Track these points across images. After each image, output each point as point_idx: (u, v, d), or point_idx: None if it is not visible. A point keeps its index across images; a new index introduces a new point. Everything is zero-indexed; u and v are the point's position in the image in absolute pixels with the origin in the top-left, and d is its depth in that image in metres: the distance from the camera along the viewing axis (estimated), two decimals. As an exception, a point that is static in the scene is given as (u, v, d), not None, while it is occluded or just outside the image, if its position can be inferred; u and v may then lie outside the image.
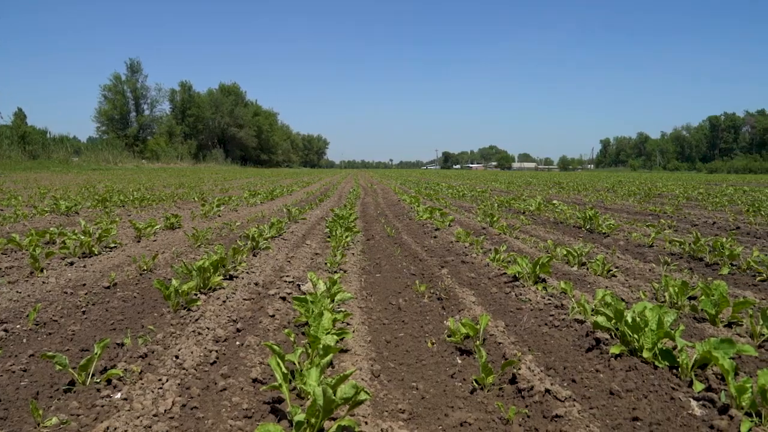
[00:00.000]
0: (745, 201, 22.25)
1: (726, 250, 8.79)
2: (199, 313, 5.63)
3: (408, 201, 21.10)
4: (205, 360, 4.45)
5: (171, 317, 5.63)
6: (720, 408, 3.59)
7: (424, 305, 6.65)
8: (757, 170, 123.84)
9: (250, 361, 4.54)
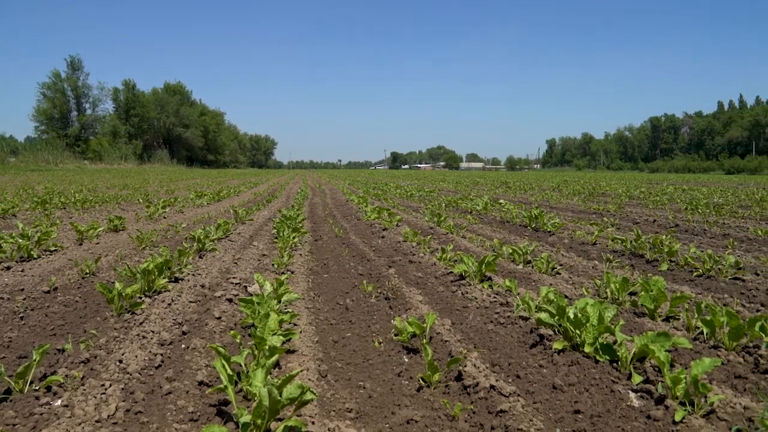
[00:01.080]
0: (684, 199, 22.91)
1: (665, 247, 9.04)
2: (143, 317, 5.55)
3: (356, 201, 21.12)
4: (150, 364, 4.39)
5: (114, 321, 5.53)
6: (657, 399, 3.70)
7: (372, 305, 6.67)
8: (695, 170, 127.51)
9: (196, 363, 4.49)
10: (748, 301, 6.61)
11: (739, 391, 3.99)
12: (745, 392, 3.97)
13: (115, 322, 5.50)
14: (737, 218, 15.77)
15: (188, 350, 4.78)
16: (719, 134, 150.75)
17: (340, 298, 7.06)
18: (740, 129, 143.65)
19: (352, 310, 6.55)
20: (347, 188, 35.34)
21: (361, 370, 4.75)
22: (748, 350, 4.73)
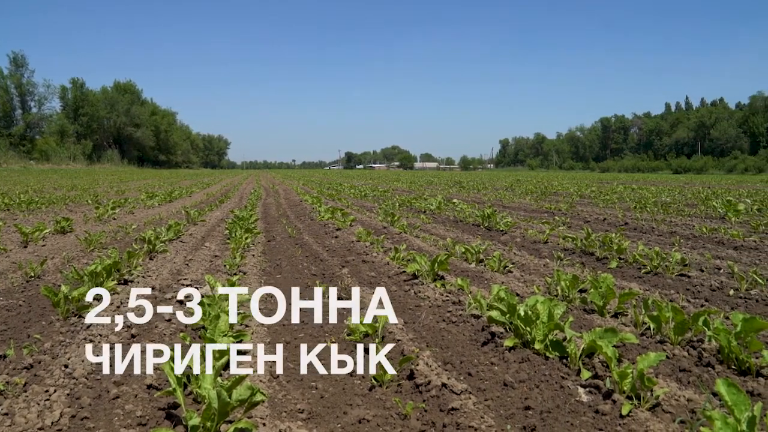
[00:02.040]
0: (633, 198, 23.38)
1: (615, 245, 9.21)
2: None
3: (310, 201, 21.04)
4: (98, 368, 4.30)
5: (60, 325, 5.40)
6: (605, 393, 3.77)
7: (325, 305, 6.61)
8: (644, 169, 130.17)
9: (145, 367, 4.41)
10: (693, 297, 6.77)
11: (683, 384, 4.08)
12: (689, 385, 4.06)
13: (61, 326, 5.37)
14: (684, 216, 16.16)
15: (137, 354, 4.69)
16: (667, 135, 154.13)
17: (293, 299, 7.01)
18: (686, 130, 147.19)
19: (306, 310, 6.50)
20: (301, 188, 35.18)
21: (313, 370, 4.72)
22: (692, 344, 4.84)
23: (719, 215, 16.00)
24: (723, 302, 6.55)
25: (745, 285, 7.01)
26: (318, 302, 6.73)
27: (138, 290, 6.53)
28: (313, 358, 4.97)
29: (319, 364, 4.83)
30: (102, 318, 5.41)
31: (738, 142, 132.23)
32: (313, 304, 6.71)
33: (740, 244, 10.54)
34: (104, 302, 6.07)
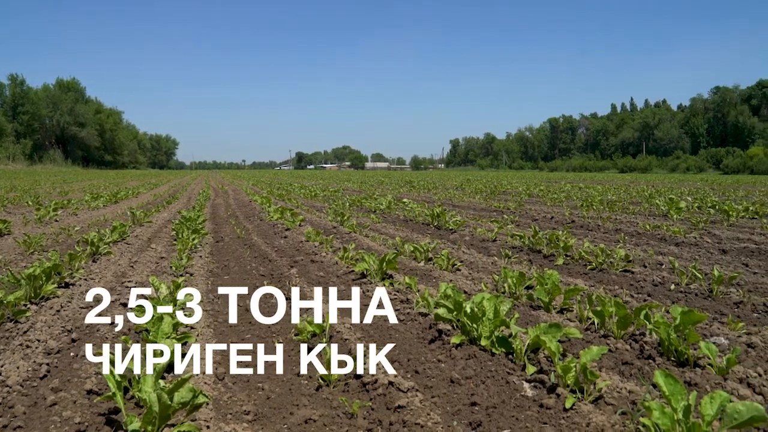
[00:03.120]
0: (580, 197, 23.78)
1: (561, 242, 9.34)
2: (28, 325, 5.27)
3: (259, 202, 20.86)
4: (34, 374, 4.18)
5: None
6: (549, 387, 3.82)
7: (272, 306, 6.57)
8: (591, 168, 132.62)
9: (85, 372, 4.31)
10: (636, 292, 6.92)
11: (625, 377, 4.16)
12: (631, 377, 4.14)
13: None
14: (628, 214, 16.50)
15: (77, 358, 4.58)
16: (613, 135, 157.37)
17: (241, 300, 6.93)
18: (631, 130, 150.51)
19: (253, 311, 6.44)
20: (251, 189, 34.86)
21: (260, 371, 4.67)
22: (634, 338, 4.94)
23: (662, 213, 16.39)
24: (664, 296, 6.70)
25: (686, 280, 7.19)
26: (266, 303, 6.71)
27: (80, 293, 6.44)
28: (261, 358, 4.93)
29: (266, 365, 4.80)
30: (40, 322, 5.29)
31: (680, 142, 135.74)
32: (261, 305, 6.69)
33: (681, 240, 10.80)
34: (43, 306, 5.94)
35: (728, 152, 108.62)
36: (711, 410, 2.91)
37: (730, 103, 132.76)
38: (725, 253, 9.53)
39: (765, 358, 4.50)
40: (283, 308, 6.40)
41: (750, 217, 15.11)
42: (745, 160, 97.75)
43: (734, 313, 5.99)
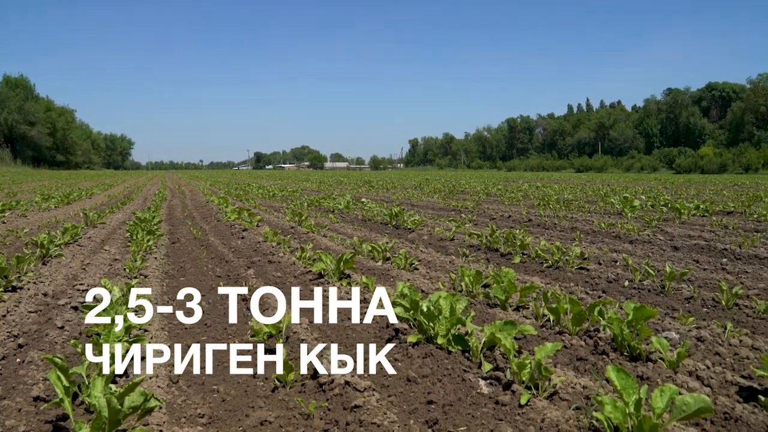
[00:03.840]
0: (537, 196, 24.04)
1: (518, 240, 9.42)
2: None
3: (217, 202, 20.66)
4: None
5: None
6: (505, 384, 3.84)
7: (228, 307, 6.50)
8: (548, 168, 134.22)
9: (32, 378, 4.19)
10: (591, 289, 7.01)
11: (580, 373, 4.21)
12: (586, 373, 4.19)
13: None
14: (584, 213, 16.74)
15: (23, 364, 4.46)
16: (569, 135, 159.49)
17: (196, 301, 6.85)
18: (588, 130, 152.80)
19: (208, 313, 6.38)
20: (208, 189, 34.51)
21: (215, 373, 4.62)
22: (589, 333, 5.00)
23: (617, 211, 16.66)
24: (618, 293, 6.81)
25: (639, 276, 7.32)
26: (222, 304, 6.64)
27: (28, 297, 6.28)
28: (216, 360, 4.87)
29: (223, 367, 4.75)
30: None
31: (634, 142, 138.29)
32: (217, 306, 6.61)
33: (635, 238, 10.99)
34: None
35: (680, 152, 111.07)
36: (661, 403, 2.96)
37: (682, 105, 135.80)
38: (677, 250, 9.72)
39: (713, 352, 4.60)
40: (241, 309, 6.37)
41: (701, 215, 15.47)
42: (696, 159, 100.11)
43: (685, 308, 6.11)
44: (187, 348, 5.21)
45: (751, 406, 3.59)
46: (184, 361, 4.83)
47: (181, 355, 4.98)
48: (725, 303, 6.15)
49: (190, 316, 6.28)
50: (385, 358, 4.48)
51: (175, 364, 4.70)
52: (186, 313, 6.40)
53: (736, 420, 3.37)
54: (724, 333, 5.06)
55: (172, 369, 4.54)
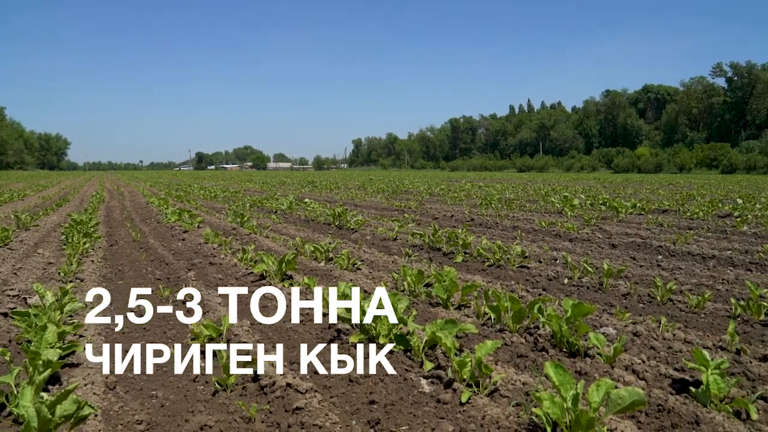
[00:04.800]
0: (480, 195, 24.31)
1: (460, 240, 9.51)
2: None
3: (157, 204, 20.27)
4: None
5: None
6: (446, 382, 3.87)
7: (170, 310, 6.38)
8: (491, 168, 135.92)
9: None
10: (532, 287, 7.12)
11: (520, 369, 4.26)
12: (526, 369, 4.24)
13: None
14: (526, 212, 17.01)
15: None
16: (511, 135, 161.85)
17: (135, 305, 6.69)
18: (529, 131, 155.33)
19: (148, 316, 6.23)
20: (148, 190, 33.84)
21: (154, 378, 4.52)
22: (529, 331, 5.08)
23: (557, 210, 16.98)
24: (558, 290, 6.93)
25: (578, 273, 7.46)
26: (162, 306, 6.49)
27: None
28: (155, 365, 4.76)
29: (162, 372, 4.65)
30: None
31: (574, 142, 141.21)
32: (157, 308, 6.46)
33: (575, 236, 11.22)
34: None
35: (618, 152, 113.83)
36: (597, 397, 3.02)
37: (620, 106, 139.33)
38: (615, 248, 9.95)
39: (648, 346, 4.72)
40: (179, 312, 6.24)
41: (637, 214, 15.90)
42: (634, 159, 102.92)
43: (622, 304, 6.26)
44: (125, 353, 5.09)
45: (683, 397, 3.69)
46: (121, 367, 4.72)
47: (118, 361, 4.87)
48: (660, 298, 6.32)
49: (129, 320, 6.14)
50: (328, 359, 4.46)
51: (112, 369, 4.59)
52: (124, 317, 6.26)
53: (669, 411, 3.46)
54: (658, 327, 5.20)
55: (109, 375, 4.43)
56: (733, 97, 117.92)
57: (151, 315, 6.28)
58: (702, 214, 14.82)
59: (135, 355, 5.02)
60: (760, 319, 5.59)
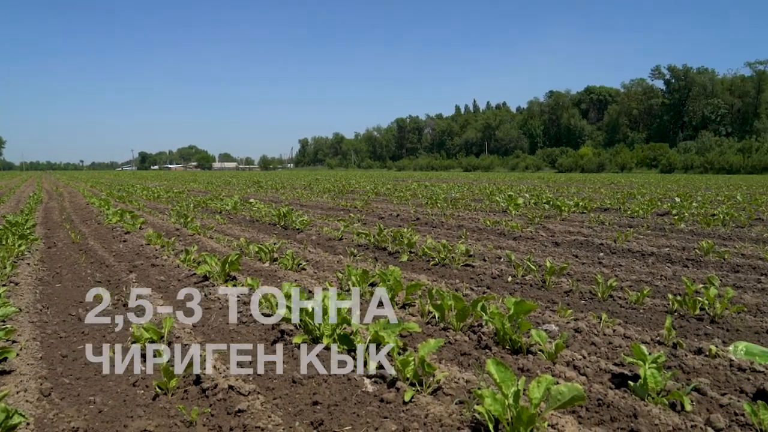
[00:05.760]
0: (425, 195, 24.42)
1: (405, 239, 9.52)
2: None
3: (98, 204, 19.80)
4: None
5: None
6: (389, 382, 3.87)
7: (109, 312, 6.21)
8: (437, 167, 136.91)
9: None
10: (476, 285, 7.18)
11: (464, 367, 4.29)
12: (469, 367, 4.27)
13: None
14: (471, 211, 17.15)
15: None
16: (457, 135, 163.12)
17: (73, 309, 6.54)
18: (475, 131, 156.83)
19: (85, 319, 6.07)
20: (89, 191, 33.02)
21: (92, 383, 4.40)
22: (473, 329, 5.12)
23: (502, 209, 17.17)
24: (502, 288, 7.00)
25: (522, 271, 7.55)
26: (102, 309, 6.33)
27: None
28: (94, 370, 4.64)
29: (100, 376, 4.53)
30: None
31: (519, 142, 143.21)
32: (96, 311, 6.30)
33: (519, 234, 11.36)
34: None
35: (562, 152, 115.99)
36: (538, 393, 3.06)
37: (563, 107, 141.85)
38: (558, 246, 10.12)
39: (589, 342, 4.81)
40: (120, 315, 6.11)
41: (580, 212, 16.20)
42: (577, 159, 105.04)
43: (564, 301, 6.37)
44: (63, 358, 4.96)
45: (622, 391, 3.76)
46: (57, 372, 4.59)
47: (55, 366, 4.73)
48: (601, 295, 6.45)
49: (66, 324, 5.99)
50: (271, 360, 4.42)
51: (46, 375, 4.46)
52: (63, 321, 6.10)
53: (608, 405, 3.53)
54: (599, 324, 5.31)
55: (44, 381, 4.30)
56: (671, 99, 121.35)
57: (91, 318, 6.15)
58: (642, 213, 15.19)
59: (73, 360, 4.90)
60: (695, 313, 5.75)
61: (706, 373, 4.14)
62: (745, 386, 3.91)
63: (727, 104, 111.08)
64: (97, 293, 6.86)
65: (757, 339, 5.13)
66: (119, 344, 5.21)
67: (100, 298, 6.72)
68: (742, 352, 4.49)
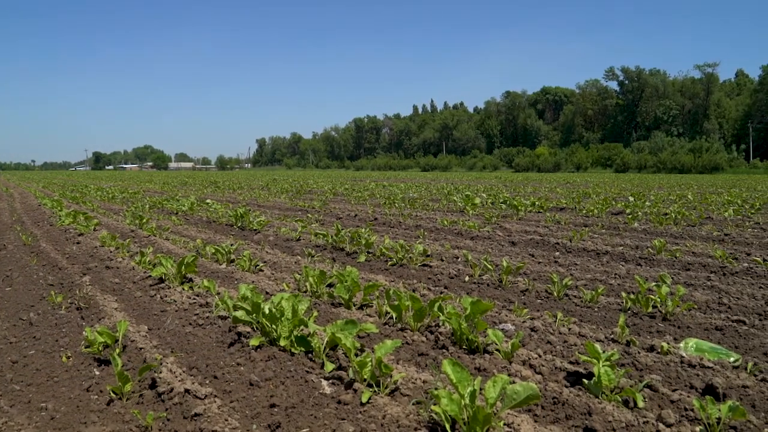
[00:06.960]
0: (383, 195, 24.47)
1: (363, 239, 9.53)
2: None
3: (50, 206, 19.39)
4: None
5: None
6: (347, 383, 3.87)
7: (61, 317, 6.12)
8: (395, 167, 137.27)
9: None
10: (434, 285, 7.21)
11: (421, 368, 4.31)
12: (427, 368, 4.29)
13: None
14: (428, 211, 17.23)
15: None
16: (415, 135, 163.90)
17: (24, 313, 6.39)
18: (432, 131, 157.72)
19: (38, 324, 5.96)
20: (41, 192, 32.33)
21: (44, 389, 4.32)
22: (430, 329, 5.14)
23: (459, 209, 17.28)
24: (460, 288, 7.05)
25: (479, 271, 7.61)
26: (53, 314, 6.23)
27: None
28: (45, 375, 4.56)
29: (52, 382, 4.45)
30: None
31: (477, 142, 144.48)
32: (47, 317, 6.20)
33: (476, 234, 11.45)
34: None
35: (519, 152, 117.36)
36: (494, 393, 3.09)
37: (520, 107, 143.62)
38: (514, 245, 10.23)
39: (545, 340, 4.88)
40: (74, 319, 6.01)
41: (536, 212, 16.40)
42: (533, 159, 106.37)
43: (520, 300, 6.44)
44: (12, 364, 4.85)
45: (577, 389, 3.83)
46: (7, 378, 4.49)
47: (4, 373, 4.63)
48: (557, 294, 6.54)
49: (17, 328, 5.86)
50: (227, 363, 4.39)
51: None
52: (13, 326, 5.97)
53: (563, 403, 3.58)
54: (555, 322, 5.39)
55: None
56: (625, 100, 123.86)
57: (42, 322, 6.03)
58: (597, 212, 15.44)
59: (24, 366, 4.80)
60: (648, 311, 5.86)
61: (658, 369, 4.24)
62: (695, 382, 4.00)
63: (679, 105, 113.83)
64: (50, 297, 6.80)
65: (706, 335, 5.25)
66: (72, 349, 5.13)
67: (53, 301, 6.66)
68: (692, 348, 4.60)
